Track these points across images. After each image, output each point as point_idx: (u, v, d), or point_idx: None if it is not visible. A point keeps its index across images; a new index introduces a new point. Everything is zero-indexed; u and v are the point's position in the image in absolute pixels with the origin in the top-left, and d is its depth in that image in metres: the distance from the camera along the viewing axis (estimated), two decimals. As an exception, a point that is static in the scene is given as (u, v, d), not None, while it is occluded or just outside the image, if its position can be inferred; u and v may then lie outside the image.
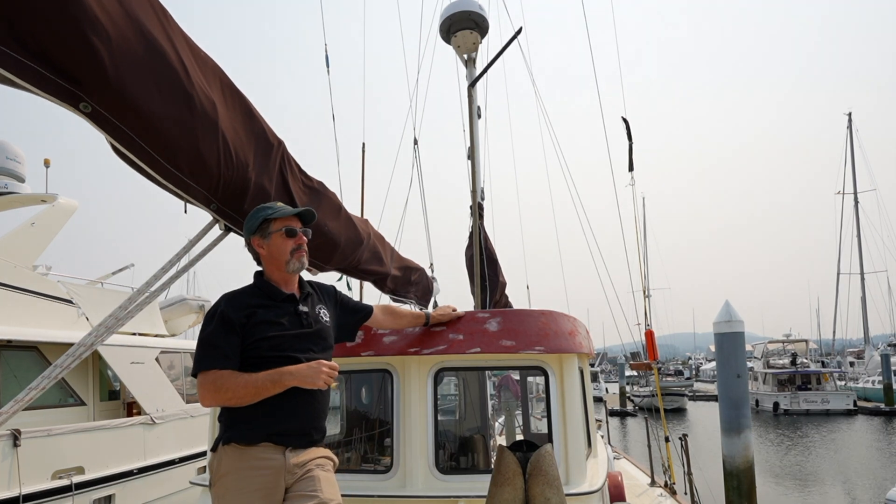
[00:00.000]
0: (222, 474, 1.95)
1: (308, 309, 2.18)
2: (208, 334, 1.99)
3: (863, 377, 37.93)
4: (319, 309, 2.25)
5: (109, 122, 1.72)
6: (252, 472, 1.93)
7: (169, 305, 10.97)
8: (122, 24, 1.66)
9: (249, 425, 1.96)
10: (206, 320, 2.04)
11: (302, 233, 2.19)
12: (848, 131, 41.71)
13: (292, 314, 2.12)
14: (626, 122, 6.13)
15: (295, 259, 2.14)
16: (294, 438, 2.01)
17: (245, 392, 1.91)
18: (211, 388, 1.91)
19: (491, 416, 5.17)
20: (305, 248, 2.18)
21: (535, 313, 2.93)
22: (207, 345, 1.97)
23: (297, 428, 2.02)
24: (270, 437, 1.96)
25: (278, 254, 2.13)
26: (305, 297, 2.23)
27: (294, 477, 1.98)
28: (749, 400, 6.73)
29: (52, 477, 5.86)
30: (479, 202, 5.85)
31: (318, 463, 2.07)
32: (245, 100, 2.38)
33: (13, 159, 8.17)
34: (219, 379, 1.91)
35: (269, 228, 2.13)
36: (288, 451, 1.99)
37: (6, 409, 1.76)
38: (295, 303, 2.16)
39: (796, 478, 14.45)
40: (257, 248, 2.16)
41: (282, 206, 2.18)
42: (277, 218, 2.13)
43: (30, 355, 6.55)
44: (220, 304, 2.06)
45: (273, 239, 2.13)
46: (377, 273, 4.42)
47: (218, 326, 1.99)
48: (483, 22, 5.96)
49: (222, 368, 1.93)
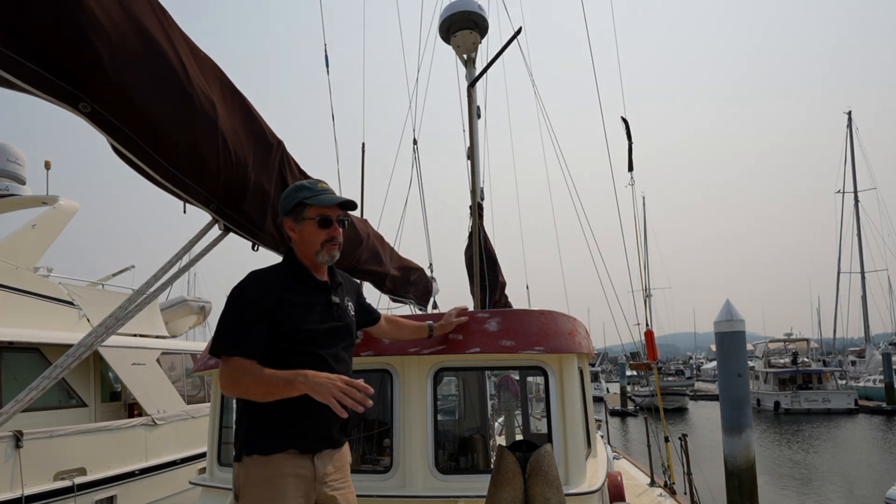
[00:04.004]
0: (251, 485, 1.85)
1: (339, 300, 2.08)
2: (238, 316, 1.88)
3: (864, 376, 37.89)
4: (347, 301, 2.16)
5: (109, 122, 1.72)
6: (283, 480, 1.85)
7: (169, 307, 10.98)
8: (122, 24, 1.66)
9: (271, 433, 1.88)
10: (233, 298, 1.91)
11: (338, 223, 2.04)
12: (848, 130, 41.73)
13: (323, 304, 2.02)
14: (626, 122, 6.13)
15: (325, 251, 2.01)
16: (317, 442, 1.94)
17: (258, 390, 1.82)
18: (229, 377, 1.83)
19: (491, 417, 5.18)
20: (340, 241, 2.05)
21: (535, 313, 2.93)
22: (235, 327, 1.86)
23: (317, 431, 1.93)
24: (293, 443, 1.89)
25: (309, 242, 2.01)
26: (337, 286, 2.12)
27: (323, 487, 1.94)
28: (750, 399, 6.74)
29: (55, 478, 5.87)
30: (479, 202, 5.86)
31: (346, 477, 2.06)
32: (244, 100, 2.38)
33: (14, 161, 8.17)
34: (238, 369, 1.82)
35: (303, 213, 2.00)
36: (316, 458, 1.93)
37: (7, 410, 1.76)
38: (327, 292, 2.05)
39: (797, 477, 14.44)
40: (289, 231, 2.05)
41: (323, 190, 2.02)
42: (314, 204, 1.99)
43: (31, 357, 6.55)
44: (249, 284, 1.93)
45: (306, 225, 2.00)
46: (376, 273, 4.43)
47: (248, 308, 1.88)
48: (483, 22, 5.97)
49: (247, 357, 1.84)
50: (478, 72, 5.93)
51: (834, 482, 13.75)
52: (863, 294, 40.61)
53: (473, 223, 5.83)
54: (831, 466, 15.69)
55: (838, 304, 42.55)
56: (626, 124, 6.12)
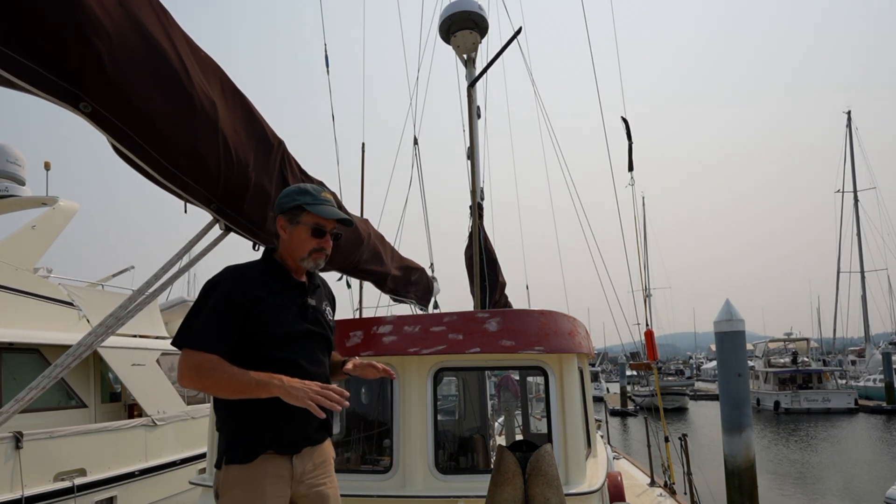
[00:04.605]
0: (230, 485, 1.86)
1: (315, 303, 2.07)
2: (209, 309, 1.84)
3: (864, 376, 37.89)
4: (325, 306, 2.15)
5: (109, 121, 1.72)
6: (263, 481, 1.85)
7: (169, 307, 10.97)
8: (122, 23, 1.66)
9: (251, 437, 1.87)
10: (207, 290, 1.89)
11: (332, 236, 2.05)
12: (847, 129, 41.75)
13: (300, 306, 2.01)
14: (626, 122, 6.13)
15: (312, 259, 2.01)
16: (294, 446, 1.94)
17: (228, 387, 1.78)
18: (195, 370, 1.78)
19: (490, 417, 5.18)
20: (328, 252, 2.06)
21: (535, 313, 2.93)
22: (204, 320, 1.83)
23: (294, 433, 1.93)
24: (271, 445, 1.88)
25: (298, 247, 2.00)
26: (314, 289, 2.11)
27: (300, 485, 1.94)
28: (750, 399, 6.74)
29: (55, 479, 5.87)
30: (479, 202, 5.86)
31: (327, 473, 2.04)
32: (245, 100, 2.38)
33: (13, 162, 8.17)
34: (205, 363, 1.78)
35: (299, 217, 2.00)
36: (295, 458, 1.93)
37: (7, 409, 1.76)
38: (303, 293, 2.04)
39: (797, 476, 14.44)
40: (280, 230, 2.03)
41: (324, 200, 2.03)
42: (312, 213, 1.99)
43: (31, 357, 6.55)
44: (225, 278, 1.91)
45: (299, 230, 2.00)
46: (377, 273, 4.43)
47: (220, 303, 1.85)
48: (483, 22, 5.97)
49: (213, 352, 1.80)
50: (478, 72, 5.93)
51: (834, 482, 13.75)
52: (863, 293, 40.64)
53: (473, 223, 5.83)
54: (831, 466, 15.69)
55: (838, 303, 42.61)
56: (626, 124, 6.12)
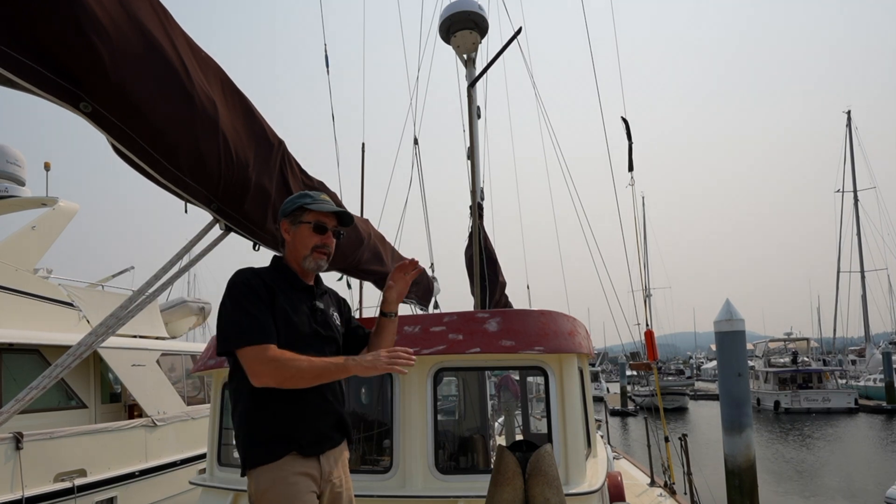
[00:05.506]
0: (264, 489, 1.85)
1: (323, 307, 2.11)
2: (247, 305, 1.84)
3: (864, 375, 37.88)
4: (332, 311, 2.18)
5: (109, 121, 1.72)
6: (294, 478, 1.87)
7: (169, 308, 10.98)
8: (123, 23, 1.66)
9: (273, 441, 1.87)
10: (236, 289, 1.89)
11: (333, 233, 2.09)
12: (847, 129, 41.75)
13: (309, 308, 2.03)
14: (626, 122, 6.13)
15: (313, 257, 2.04)
16: (317, 445, 1.95)
17: (310, 373, 1.80)
18: (271, 364, 1.77)
19: (490, 417, 5.18)
20: (329, 251, 2.09)
21: (535, 313, 2.93)
22: (248, 315, 1.82)
23: (315, 434, 1.94)
24: (294, 448, 1.89)
25: (301, 245, 2.04)
26: (322, 294, 2.15)
27: (328, 486, 1.98)
28: (750, 399, 6.74)
29: (55, 479, 5.87)
30: (479, 202, 5.86)
31: (346, 473, 2.10)
32: (245, 99, 2.38)
33: (13, 163, 8.17)
34: (278, 355, 1.78)
35: (301, 216, 2.05)
36: (322, 458, 1.96)
37: (7, 409, 1.76)
38: (312, 296, 2.07)
39: (798, 476, 14.44)
40: (284, 233, 2.08)
41: (325, 200, 2.09)
42: (313, 210, 2.05)
43: (31, 358, 6.55)
44: (247, 276, 1.93)
45: (301, 228, 2.05)
46: (378, 273, 4.42)
47: (254, 296, 1.86)
48: (483, 22, 5.97)
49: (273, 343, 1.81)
50: (478, 72, 5.93)
51: (834, 481, 13.75)
52: (863, 293, 40.64)
53: (473, 223, 5.83)
54: (831, 466, 15.69)
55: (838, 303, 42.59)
56: (627, 125, 6.12)
